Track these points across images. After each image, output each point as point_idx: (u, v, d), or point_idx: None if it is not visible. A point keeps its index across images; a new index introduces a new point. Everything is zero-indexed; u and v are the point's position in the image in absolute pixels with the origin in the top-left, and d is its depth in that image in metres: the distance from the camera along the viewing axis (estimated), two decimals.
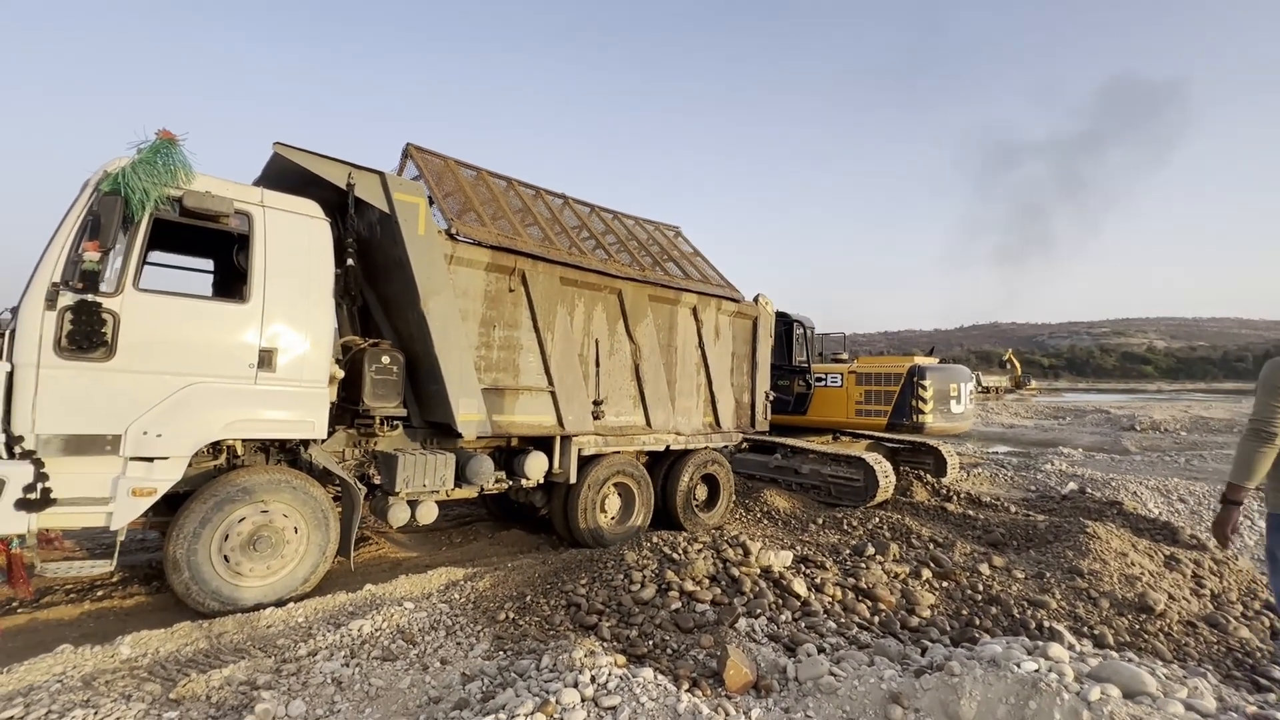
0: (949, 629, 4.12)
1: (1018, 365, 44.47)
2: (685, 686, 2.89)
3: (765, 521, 7.43)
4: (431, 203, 4.91)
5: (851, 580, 4.64)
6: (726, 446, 7.17)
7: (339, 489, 4.61)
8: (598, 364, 5.68)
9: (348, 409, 4.72)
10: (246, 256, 3.95)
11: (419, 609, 3.85)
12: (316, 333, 4.15)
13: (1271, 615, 4.52)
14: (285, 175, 4.47)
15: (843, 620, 3.99)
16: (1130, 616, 4.39)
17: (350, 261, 4.42)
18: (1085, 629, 4.18)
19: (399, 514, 4.61)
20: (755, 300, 7.37)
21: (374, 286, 5.19)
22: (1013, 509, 8.01)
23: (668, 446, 6.29)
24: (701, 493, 6.84)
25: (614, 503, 5.96)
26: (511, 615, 3.80)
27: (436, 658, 3.28)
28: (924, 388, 8.06)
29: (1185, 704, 2.36)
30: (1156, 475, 11.28)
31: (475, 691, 2.88)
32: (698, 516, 6.59)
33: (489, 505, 7.04)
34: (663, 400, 6.18)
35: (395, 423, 4.86)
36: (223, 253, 4.83)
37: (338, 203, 4.48)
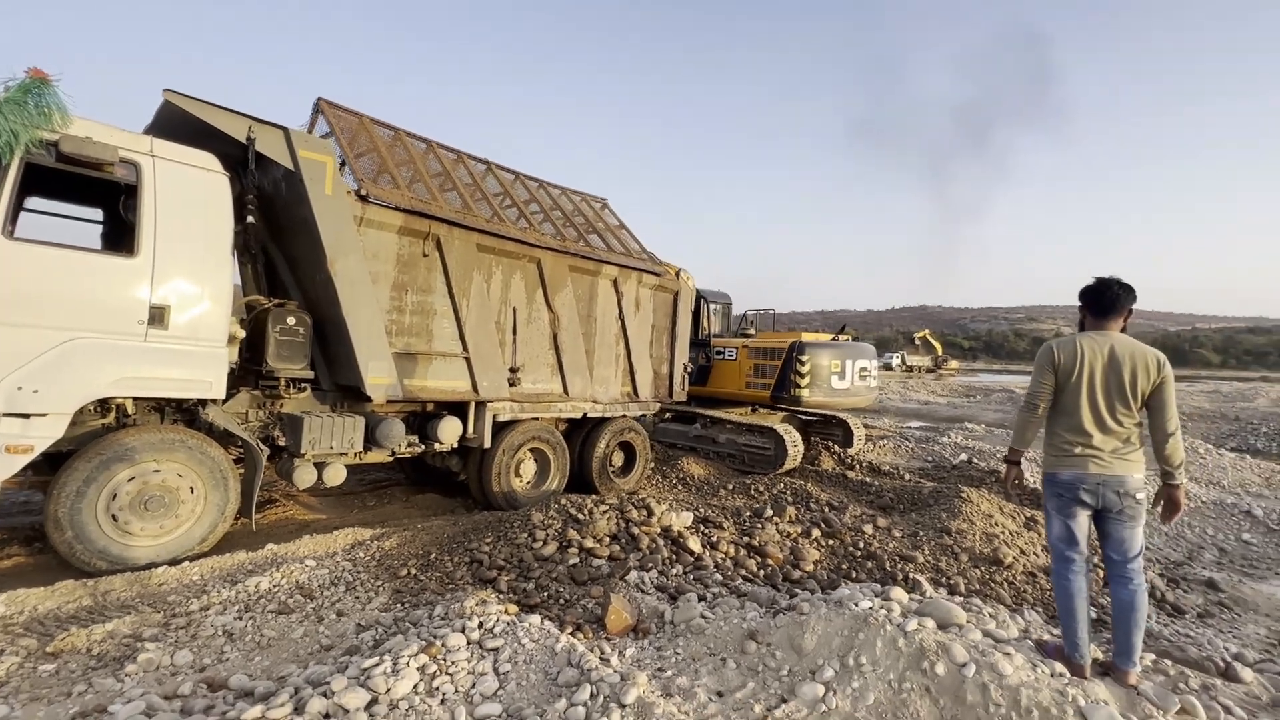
0: (826, 580, 4.53)
1: (938, 346, 47.06)
2: (568, 631, 3.12)
3: (680, 487, 7.79)
4: (344, 165, 4.81)
5: (746, 539, 5.00)
6: (644, 415, 7.43)
7: (242, 450, 4.55)
8: (515, 332, 5.76)
9: (251, 370, 4.64)
10: (134, 208, 3.80)
11: (320, 566, 3.91)
12: (214, 290, 4.05)
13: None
14: (181, 126, 4.27)
15: (730, 573, 4.32)
16: (983, 568, 4.95)
17: (251, 219, 4.31)
18: (943, 579, 4.68)
19: (304, 476, 4.61)
20: (677, 275, 7.58)
21: (280, 246, 5.06)
22: (907, 477, 8.70)
23: (585, 414, 6.48)
24: (618, 459, 7.10)
25: (529, 467, 6.12)
26: (414, 571, 3.93)
27: (333, 610, 3.38)
28: (802, 363, 8.58)
29: (985, 632, 2.77)
30: (1037, 449, 12.41)
31: (368, 639, 3.02)
32: (613, 482, 6.84)
33: (406, 469, 7.07)
34: (581, 369, 6.34)
35: (302, 385, 4.81)
36: (113, 203, 4.59)
37: (240, 157, 4.33)
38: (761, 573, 4.52)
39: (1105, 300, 2.68)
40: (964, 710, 2.35)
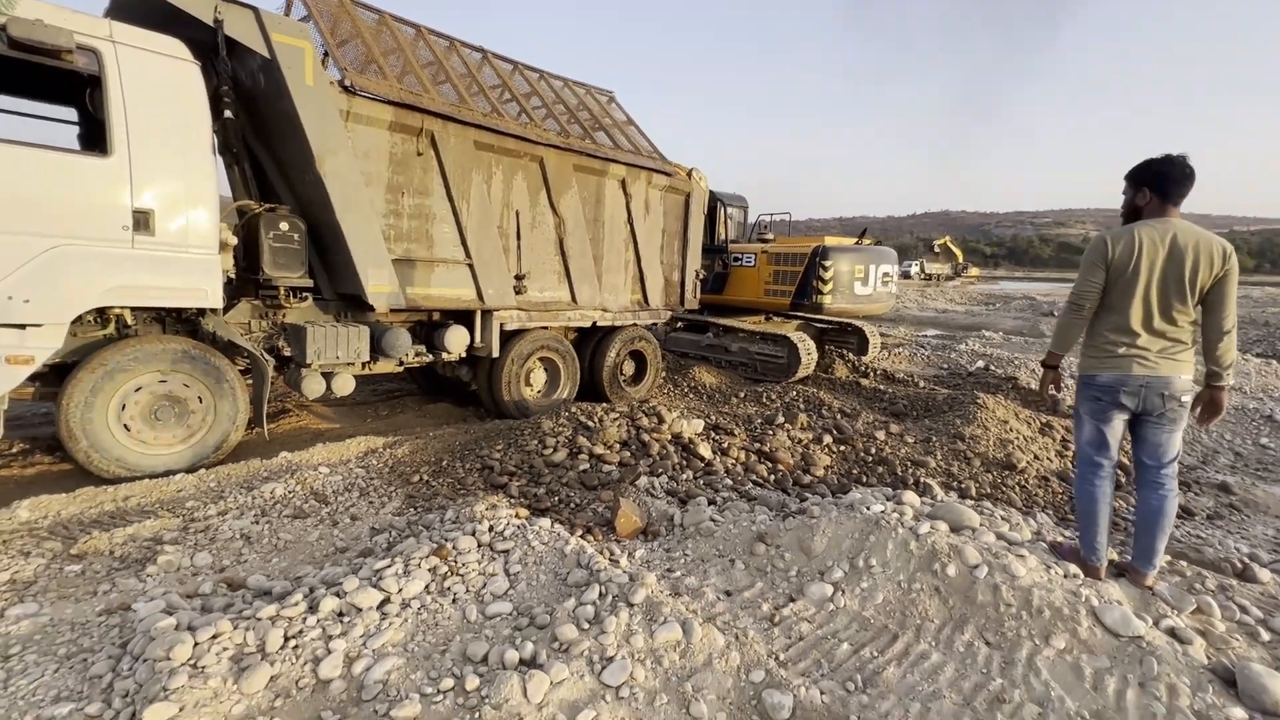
0: (836, 485, 4.54)
1: (958, 253, 45.66)
2: (579, 533, 3.14)
3: (691, 395, 7.78)
4: (326, 56, 4.41)
5: (757, 445, 4.99)
6: (655, 324, 7.29)
7: (249, 361, 4.52)
8: (519, 237, 5.52)
9: (250, 280, 4.51)
10: (101, 102, 3.52)
11: (334, 473, 3.96)
12: (197, 193, 3.83)
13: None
14: (143, 8, 3.89)
15: (740, 479, 4.33)
16: (995, 473, 4.92)
17: (229, 114, 4.01)
18: (955, 483, 4.67)
19: (313, 386, 4.59)
20: (689, 175, 7.16)
21: (267, 146, 4.77)
22: (921, 384, 8.60)
23: (594, 323, 6.35)
24: (629, 368, 7.04)
25: (539, 377, 6.09)
26: (426, 478, 3.97)
27: (347, 515, 3.43)
28: (825, 268, 8.24)
29: (998, 535, 2.74)
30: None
31: (381, 542, 3.06)
32: (624, 391, 6.82)
33: (418, 379, 7.09)
34: (589, 276, 6.14)
35: (303, 294, 4.69)
36: (83, 99, 4.29)
37: (210, 43, 3.97)
38: (772, 478, 4.53)
39: (1175, 178, 2.38)
40: (974, 610, 2.34)
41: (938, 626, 2.31)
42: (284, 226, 4.34)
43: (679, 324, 9.72)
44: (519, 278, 5.55)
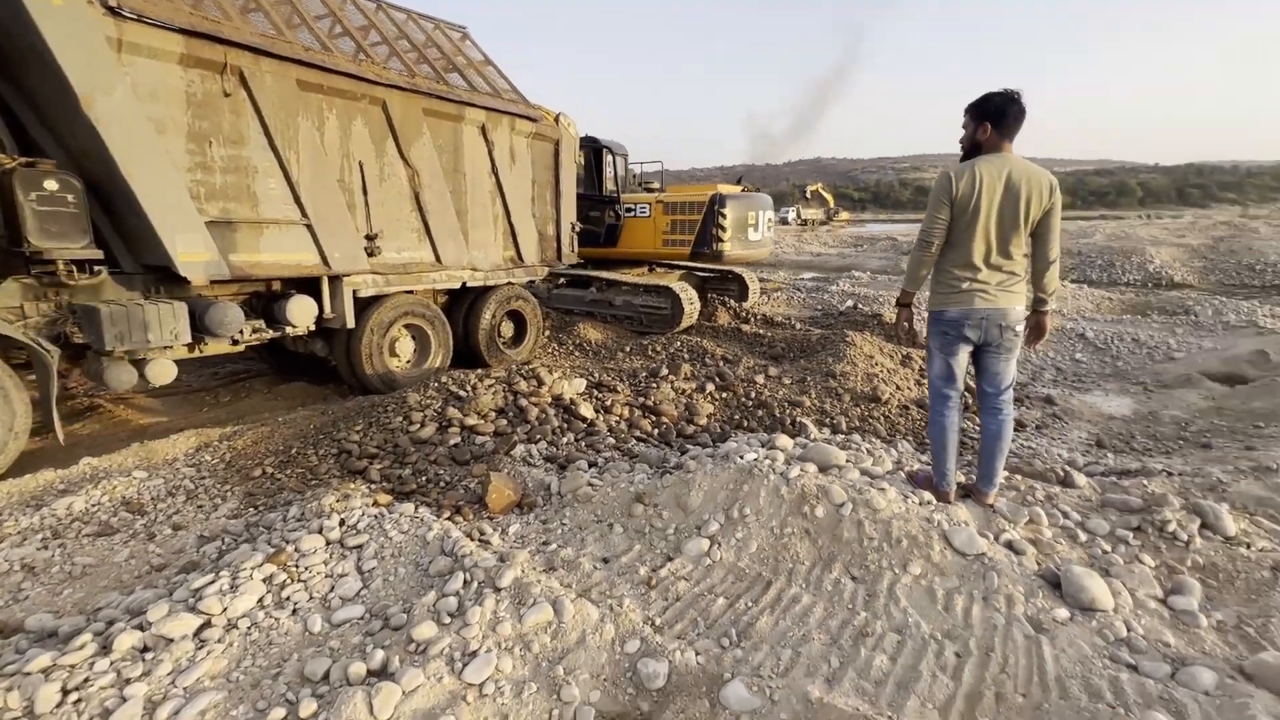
0: (719, 433, 4.59)
1: (829, 198, 48.19)
2: (446, 515, 2.90)
3: (577, 353, 7.60)
4: None
5: (641, 400, 4.92)
6: (533, 281, 6.95)
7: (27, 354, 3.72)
8: (365, 192, 4.93)
9: (16, 254, 3.66)
10: None
11: (154, 477, 3.40)
12: None
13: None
14: None
15: (624, 436, 4.25)
16: (863, 406, 5.21)
17: None
18: (828, 420, 4.89)
19: (120, 376, 3.89)
20: (556, 121, 6.75)
21: (22, 90, 3.82)
22: (798, 326, 8.98)
23: (464, 284, 5.92)
24: (507, 329, 6.70)
25: (406, 346, 5.61)
26: (270, 470, 3.51)
27: (168, 525, 2.95)
28: (724, 215, 8.28)
29: (862, 470, 2.84)
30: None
31: (211, 552, 2.66)
32: (504, 354, 6.49)
33: (268, 359, 6.32)
34: (453, 233, 5.66)
35: (95, 268, 3.90)
36: None
37: None
38: (656, 431, 4.49)
39: (1012, 114, 2.44)
40: (841, 547, 2.40)
41: (808, 568, 2.35)
42: (51, 185, 3.53)
43: (561, 280, 9.41)
44: (370, 238, 4.99)
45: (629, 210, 9.06)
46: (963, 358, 2.62)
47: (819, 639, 1.98)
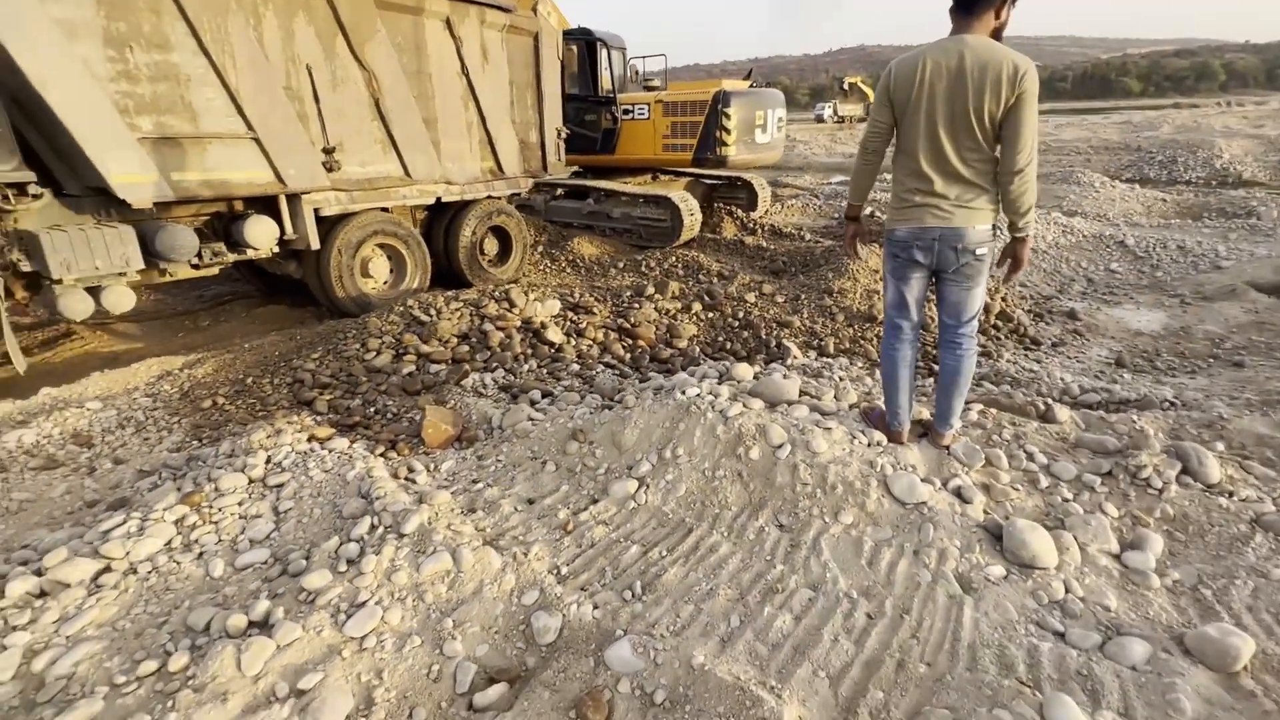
0: (695, 356, 4.38)
1: (868, 91, 44.49)
2: (380, 450, 2.83)
3: (569, 270, 7.33)
4: None
5: (620, 321, 4.71)
6: (517, 194, 6.57)
7: None
8: (317, 99, 4.56)
9: None
10: None
11: (108, 407, 3.39)
12: None
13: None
14: None
15: (591, 362, 4.08)
16: (856, 326, 4.90)
17: None
18: (815, 341, 4.62)
19: (75, 305, 3.82)
20: (534, 10, 6.09)
21: None
22: (808, 237, 8.46)
23: (439, 199, 5.61)
24: (491, 247, 6.43)
25: (380, 266, 5.42)
26: (220, 401, 3.47)
27: (110, 458, 2.95)
28: (728, 116, 7.57)
29: (813, 407, 2.62)
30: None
31: (145, 487, 2.64)
32: (488, 273, 6.27)
33: (253, 281, 6.24)
34: (421, 144, 5.29)
35: (33, 190, 3.74)
36: None
37: None
38: (629, 356, 4.32)
39: None
40: (772, 492, 2.24)
41: (734, 514, 2.21)
42: None
43: (559, 192, 8.95)
44: (328, 151, 4.68)
45: (627, 112, 8.38)
46: (916, 284, 2.31)
47: (725, 594, 1.86)
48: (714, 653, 1.64)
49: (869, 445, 2.38)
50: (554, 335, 4.25)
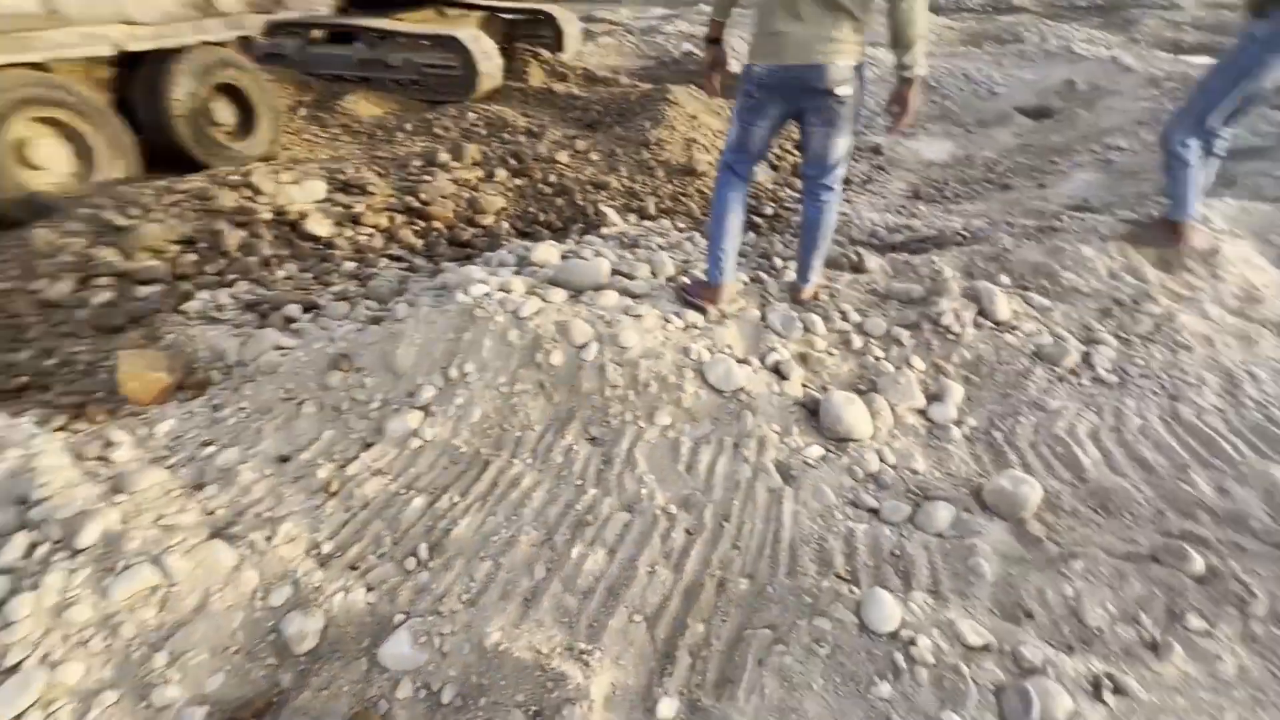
0: (504, 234, 3.83)
1: None
2: (60, 423, 2.07)
3: (345, 137, 6.01)
4: None
5: (408, 199, 3.93)
6: (246, 39, 5.02)
7: None
8: None
9: None
10: None
11: None
12: None
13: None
14: None
15: (371, 256, 3.37)
16: (677, 181, 4.57)
17: None
18: (634, 203, 4.24)
19: None
20: None
21: None
22: (624, 81, 7.70)
23: (121, 49, 4.05)
24: (226, 114, 4.95)
25: (53, 151, 3.91)
26: None
27: None
28: None
29: (623, 290, 2.28)
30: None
31: None
32: (228, 149, 4.87)
33: None
34: None
35: None
36: None
37: None
38: (422, 242, 3.65)
39: None
40: (580, 401, 1.93)
41: (538, 435, 1.88)
42: None
43: (316, 34, 7.12)
44: None
45: None
46: (763, 129, 2.05)
47: (527, 540, 1.57)
48: (514, 621, 1.37)
49: (684, 329, 2.12)
50: (318, 226, 3.41)
